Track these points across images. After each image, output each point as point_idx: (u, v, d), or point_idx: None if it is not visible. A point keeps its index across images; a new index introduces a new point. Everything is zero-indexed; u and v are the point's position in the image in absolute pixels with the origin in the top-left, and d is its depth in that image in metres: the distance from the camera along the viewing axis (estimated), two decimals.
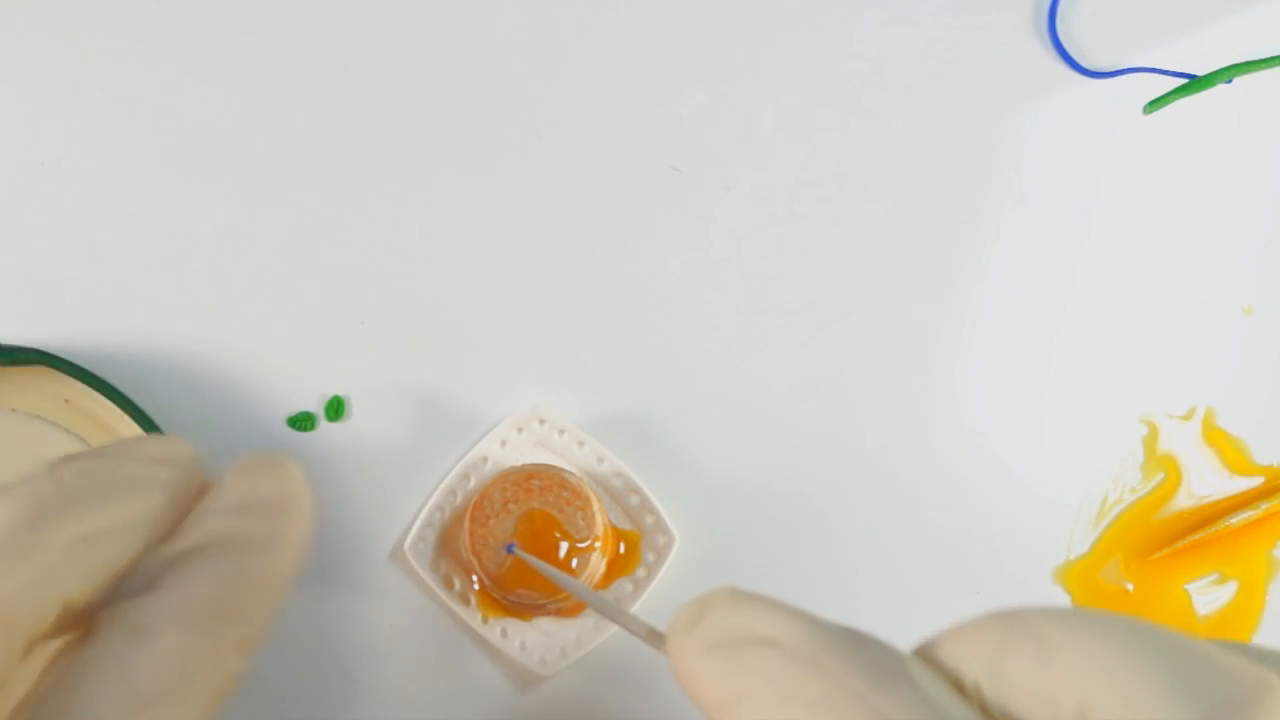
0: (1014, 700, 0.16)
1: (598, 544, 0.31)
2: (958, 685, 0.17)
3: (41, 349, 0.32)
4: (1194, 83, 0.35)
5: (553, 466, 0.32)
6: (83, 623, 0.19)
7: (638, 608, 0.32)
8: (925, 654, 0.18)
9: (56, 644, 0.19)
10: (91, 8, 0.34)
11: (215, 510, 0.20)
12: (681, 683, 0.18)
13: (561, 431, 0.33)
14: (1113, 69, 0.35)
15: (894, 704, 0.16)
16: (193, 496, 0.21)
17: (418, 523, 0.32)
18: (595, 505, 0.31)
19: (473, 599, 0.32)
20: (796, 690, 0.16)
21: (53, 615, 0.18)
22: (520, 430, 0.33)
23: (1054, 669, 0.16)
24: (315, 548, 0.33)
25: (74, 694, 0.17)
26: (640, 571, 0.33)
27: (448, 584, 0.32)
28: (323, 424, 0.33)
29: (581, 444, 0.33)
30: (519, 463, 0.33)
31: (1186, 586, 0.35)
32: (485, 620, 0.32)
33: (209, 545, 0.20)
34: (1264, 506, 0.34)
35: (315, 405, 0.34)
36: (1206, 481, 0.35)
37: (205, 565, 0.19)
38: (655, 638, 0.24)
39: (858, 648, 0.17)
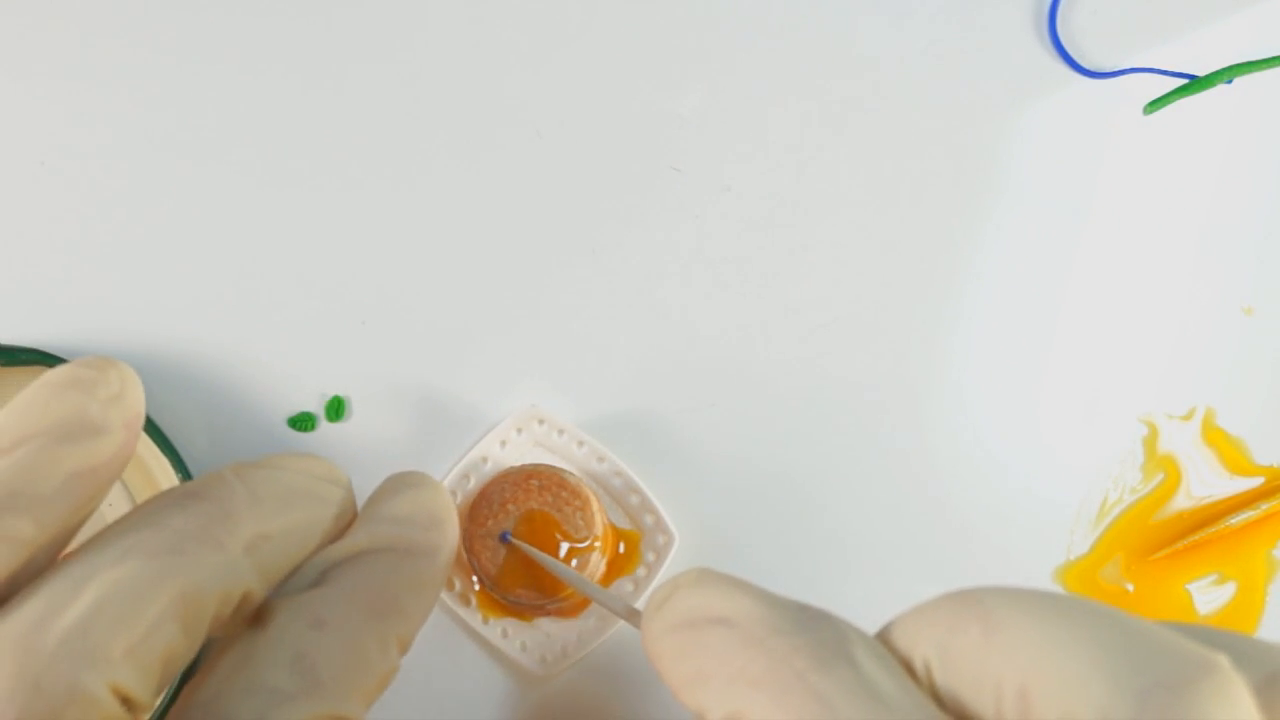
0: (959, 680, 0.16)
1: (597, 544, 0.31)
2: (909, 666, 0.17)
3: (41, 349, 0.32)
4: (1194, 83, 0.35)
5: (552, 466, 0.32)
6: (254, 614, 0.20)
7: (639, 606, 0.32)
8: (884, 635, 0.18)
9: None
10: (91, 8, 0.34)
11: (382, 518, 0.22)
12: (650, 661, 0.19)
13: (561, 431, 0.33)
14: (1113, 69, 0.35)
15: (831, 683, 0.16)
16: (349, 516, 0.22)
17: None
18: (595, 505, 0.31)
19: (473, 599, 0.32)
20: (743, 670, 0.17)
21: (234, 604, 0.19)
22: (520, 430, 0.33)
23: (999, 647, 0.16)
24: None
25: (257, 673, 0.19)
26: (640, 571, 0.33)
27: (448, 585, 0.32)
28: (323, 424, 0.34)
29: (581, 444, 0.33)
30: (518, 463, 0.33)
31: (1187, 586, 0.35)
32: (486, 621, 0.32)
33: (378, 548, 0.21)
34: (1264, 506, 0.34)
35: (315, 405, 0.34)
36: (1206, 482, 0.35)
37: (375, 564, 0.21)
38: (634, 616, 0.24)
39: (808, 627, 0.17)
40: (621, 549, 0.33)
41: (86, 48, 0.34)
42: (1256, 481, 0.35)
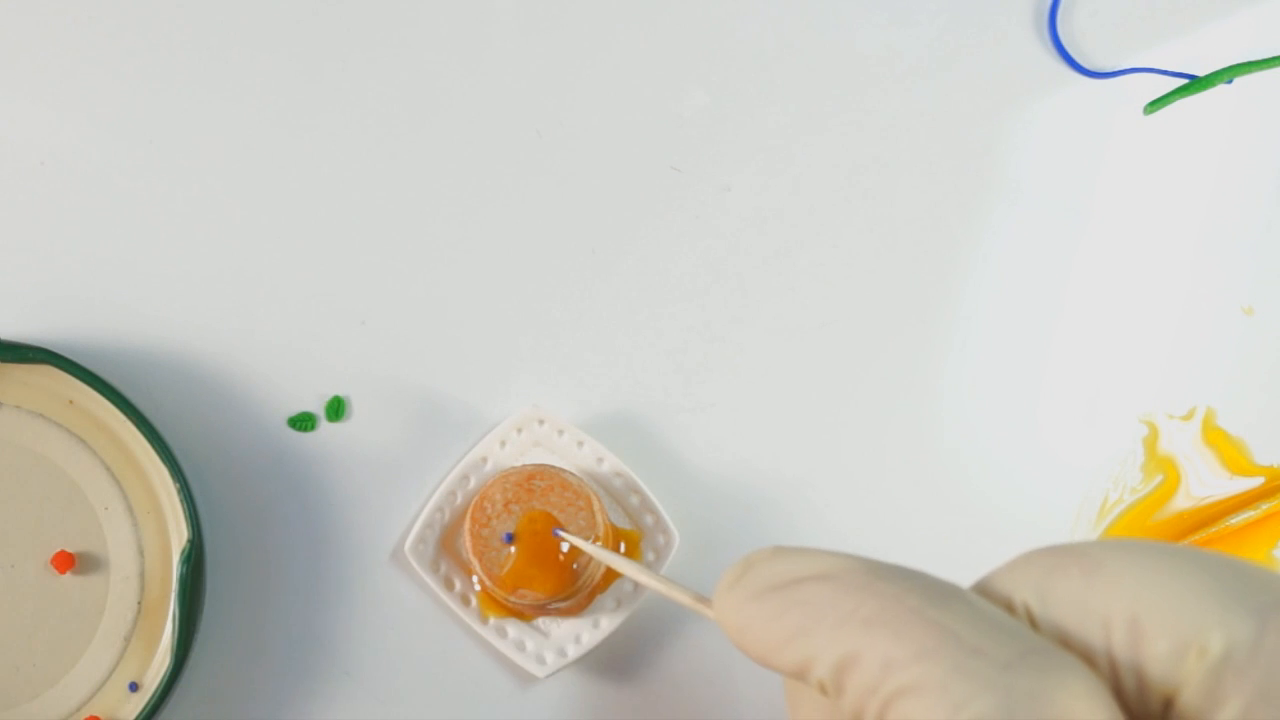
0: (1063, 616, 0.16)
1: (600, 543, 0.31)
2: (1008, 609, 0.17)
3: (49, 348, 0.32)
4: (1194, 83, 0.35)
5: (553, 467, 0.32)
6: None
7: (638, 607, 0.32)
8: (978, 587, 0.18)
9: None
10: (92, 9, 0.34)
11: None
12: (732, 636, 0.18)
13: (561, 432, 0.33)
14: (1113, 69, 0.35)
15: (949, 615, 0.16)
16: None
17: (418, 524, 0.32)
18: (596, 505, 0.31)
19: (473, 600, 0.32)
20: (851, 614, 0.16)
21: None
22: (520, 430, 0.33)
23: (1102, 585, 0.16)
24: (316, 548, 0.33)
25: None
26: None
27: (448, 585, 0.32)
28: (323, 424, 0.33)
29: (581, 444, 0.33)
30: (519, 463, 0.33)
31: None
32: (486, 620, 0.32)
33: None
34: (1264, 506, 0.34)
35: (315, 405, 0.34)
36: (1206, 482, 0.35)
37: None
38: (701, 601, 0.24)
39: (910, 574, 0.17)
40: (622, 549, 0.33)
41: (87, 48, 0.34)
42: (1256, 481, 0.35)
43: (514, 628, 0.32)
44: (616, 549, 0.32)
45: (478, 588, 0.32)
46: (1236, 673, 0.15)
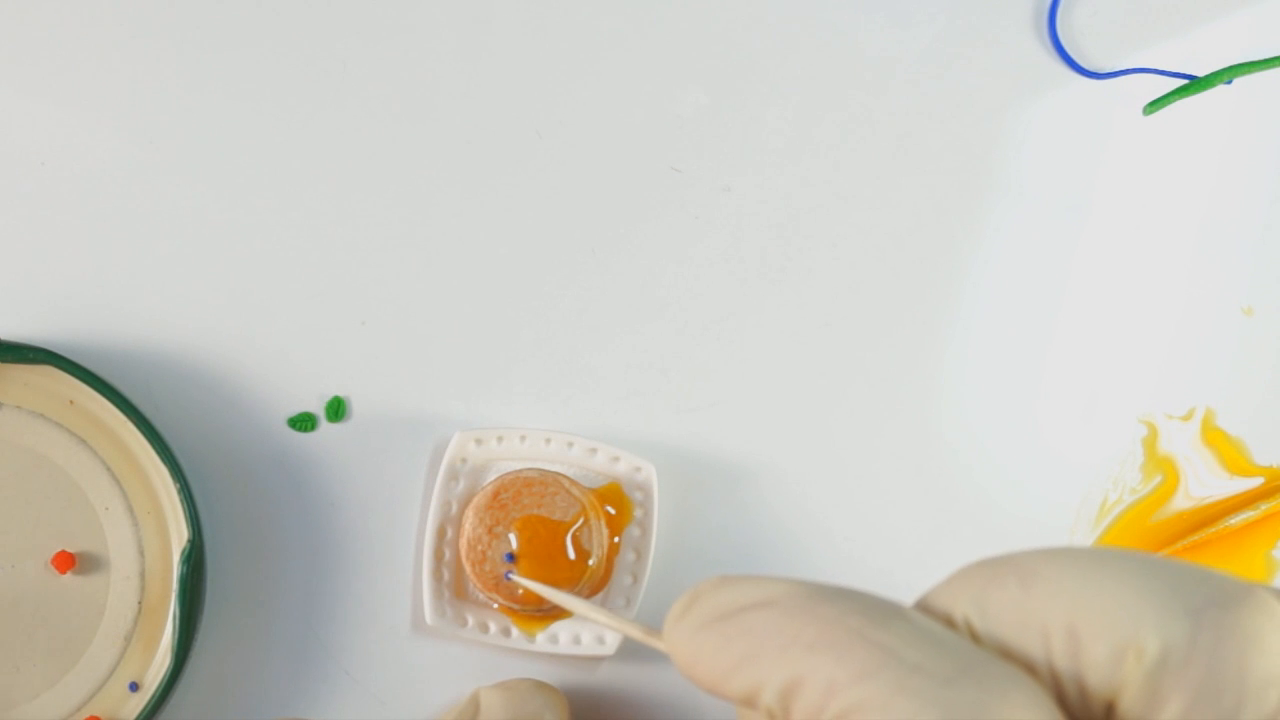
0: (1002, 629, 0.17)
1: (590, 512, 0.31)
2: (949, 624, 0.17)
3: (49, 348, 0.32)
4: (1194, 83, 0.35)
5: (509, 474, 0.32)
6: None
7: (652, 543, 0.33)
8: (919, 604, 0.18)
9: None
10: (92, 7, 0.34)
11: None
12: (682, 667, 0.19)
13: (500, 439, 0.33)
14: (1113, 69, 0.35)
15: (889, 635, 0.16)
16: None
17: (426, 596, 0.32)
18: (567, 483, 0.32)
19: (513, 629, 0.32)
20: (794, 638, 0.17)
21: None
22: (464, 461, 0.33)
23: (1039, 595, 0.16)
24: (317, 549, 0.33)
25: None
26: (639, 513, 0.33)
27: (483, 630, 0.32)
28: (323, 424, 0.34)
29: (524, 438, 0.33)
30: (479, 492, 0.32)
31: None
32: (533, 639, 0.32)
33: None
34: (1264, 507, 0.34)
35: (315, 405, 0.34)
36: (1205, 482, 0.35)
37: None
38: (651, 635, 0.24)
39: (851, 595, 0.18)
40: (611, 511, 0.33)
41: (87, 48, 0.34)
42: (1256, 482, 0.35)
43: (563, 629, 0.32)
44: (603, 511, 0.32)
45: (510, 618, 0.32)
46: (1174, 673, 0.15)
